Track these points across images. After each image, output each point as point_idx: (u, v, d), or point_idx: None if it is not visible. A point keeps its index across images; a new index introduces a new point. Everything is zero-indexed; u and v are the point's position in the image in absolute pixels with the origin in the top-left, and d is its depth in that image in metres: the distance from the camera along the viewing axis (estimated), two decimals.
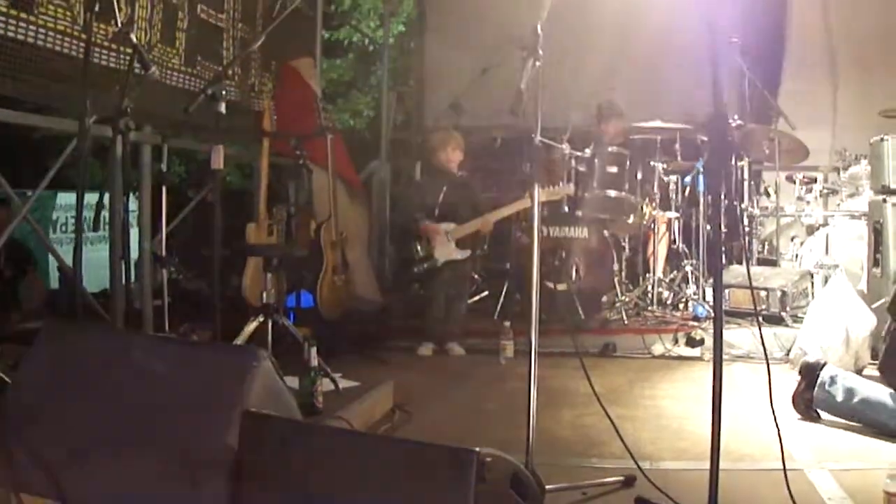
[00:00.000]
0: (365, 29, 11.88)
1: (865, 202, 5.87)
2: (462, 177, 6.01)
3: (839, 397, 3.83)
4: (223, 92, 3.75)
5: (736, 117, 6.56)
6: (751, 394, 4.50)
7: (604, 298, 6.41)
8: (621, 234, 6.73)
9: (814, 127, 7.11)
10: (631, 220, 6.45)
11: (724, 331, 3.56)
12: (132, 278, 4.50)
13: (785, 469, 2.69)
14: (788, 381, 4.17)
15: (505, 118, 3.04)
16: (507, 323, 5.49)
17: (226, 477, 2.33)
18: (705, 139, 6.34)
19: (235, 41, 5.95)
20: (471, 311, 6.25)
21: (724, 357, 2.38)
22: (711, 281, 5.93)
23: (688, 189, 6.80)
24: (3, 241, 4.41)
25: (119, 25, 3.60)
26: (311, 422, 3.26)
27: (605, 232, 6.35)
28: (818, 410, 3.93)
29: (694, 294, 6.45)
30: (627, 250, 6.83)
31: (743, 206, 6.75)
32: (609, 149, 6.41)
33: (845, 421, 3.85)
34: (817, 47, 7.67)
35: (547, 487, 2.79)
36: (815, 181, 6.70)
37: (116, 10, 3.67)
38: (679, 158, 6.67)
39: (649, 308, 6.40)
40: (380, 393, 4.08)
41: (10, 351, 4.09)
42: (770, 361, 2.91)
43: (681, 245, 6.86)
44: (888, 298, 4.34)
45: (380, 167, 8.38)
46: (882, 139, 5.32)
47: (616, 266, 6.46)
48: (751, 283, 5.54)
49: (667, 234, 6.82)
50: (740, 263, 6.54)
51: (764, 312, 5.77)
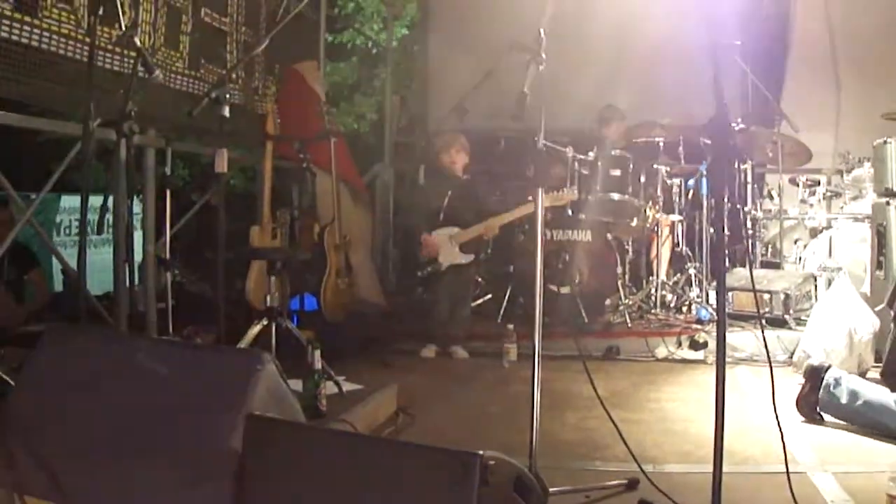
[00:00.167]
0: (368, 32, 11.87)
1: (869, 205, 5.86)
2: (466, 180, 6.00)
3: (843, 400, 3.83)
4: (227, 95, 3.76)
5: (739, 120, 6.57)
6: (754, 397, 4.49)
7: (607, 301, 6.40)
8: (625, 238, 6.73)
9: (817, 129, 7.10)
10: (634, 224, 6.44)
11: (728, 334, 3.56)
12: (136, 281, 4.51)
13: (788, 472, 2.69)
14: (792, 384, 4.17)
15: (508, 121, 3.04)
16: (511, 326, 5.48)
17: (230, 480, 2.34)
18: (708, 142, 6.34)
19: (239, 45, 5.96)
20: (474, 315, 6.24)
21: (728, 360, 2.38)
22: (715, 284, 5.93)
23: (691, 192, 6.80)
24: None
25: (123, 29, 3.61)
26: (315, 425, 3.26)
27: (609, 235, 6.36)
28: (822, 413, 3.93)
29: (697, 297, 6.45)
30: (631, 253, 6.83)
31: (746, 209, 6.74)
32: (612, 152, 6.41)
33: (849, 424, 3.85)
34: (820, 50, 7.66)
35: (550, 490, 2.79)
36: (819, 184, 6.68)
37: (120, 14, 3.67)
38: (682, 161, 6.67)
39: (653, 311, 6.39)
40: (383, 396, 4.08)
41: (14, 353, 4.09)
42: (773, 364, 2.90)
43: (684, 248, 6.86)
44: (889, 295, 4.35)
45: (383, 170, 8.39)
46: (885, 142, 5.32)
47: (619, 269, 6.46)
48: (754, 286, 5.55)
49: (670, 238, 6.82)
50: (744, 266, 6.54)
51: (767, 315, 5.76)
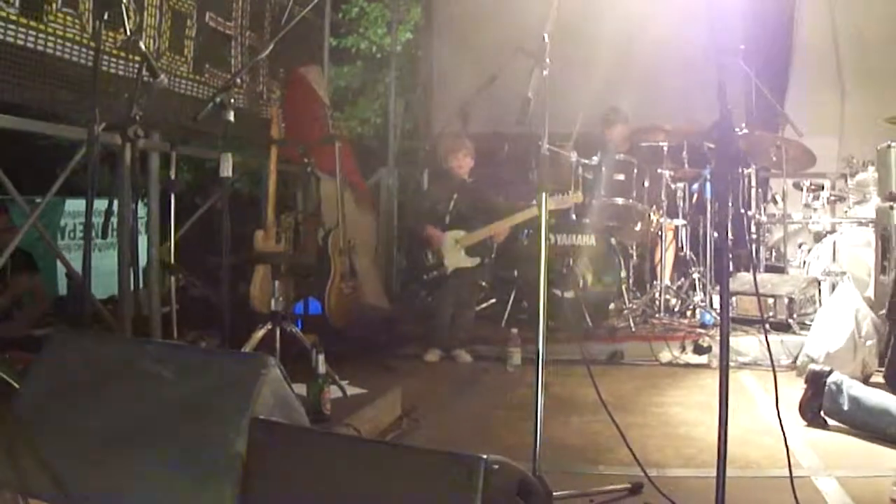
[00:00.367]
0: (372, 36, 11.89)
1: (873, 209, 5.86)
2: (471, 183, 6.00)
3: (845, 405, 3.83)
4: (231, 100, 3.77)
5: (742, 125, 6.57)
6: (758, 401, 4.49)
7: (611, 306, 6.40)
8: (629, 242, 6.73)
9: (821, 134, 7.10)
10: (638, 228, 6.45)
11: (732, 338, 3.56)
12: (140, 285, 4.53)
13: (791, 476, 2.69)
14: (795, 389, 4.16)
15: (512, 125, 3.05)
16: (515, 330, 5.49)
17: (234, 484, 2.34)
18: (712, 146, 6.34)
19: (244, 49, 5.97)
20: (478, 319, 6.25)
21: (732, 364, 2.38)
22: (719, 288, 5.92)
23: (695, 196, 6.80)
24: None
25: (128, 33, 3.62)
26: (319, 429, 3.26)
27: (613, 239, 6.35)
28: (825, 417, 3.93)
29: (701, 301, 6.44)
30: (635, 258, 6.83)
31: (750, 214, 6.73)
32: (616, 156, 6.41)
33: (852, 428, 3.84)
34: (824, 54, 7.66)
35: (554, 494, 2.79)
36: (823, 188, 6.67)
37: (125, 18, 3.67)
38: (686, 166, 6.67)
39: (657, 315, 6.38)
40: (387, 400, 4.08)
41: (18, 357, 4.10)
42: (777, 369, 2.91)
43: (688, 252, 6.85)
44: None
45: (387, 174, 8.39)
46: (889, 146, 5.32)
47: (623, 273, 6.45)
48: (758, 291, 5.54)
49: (674, 242, 6.81)
50: (747, 270, 6.53)
51: (771, 319, 5.75)
